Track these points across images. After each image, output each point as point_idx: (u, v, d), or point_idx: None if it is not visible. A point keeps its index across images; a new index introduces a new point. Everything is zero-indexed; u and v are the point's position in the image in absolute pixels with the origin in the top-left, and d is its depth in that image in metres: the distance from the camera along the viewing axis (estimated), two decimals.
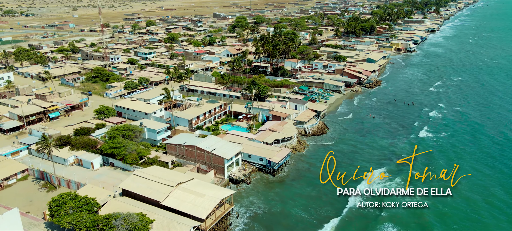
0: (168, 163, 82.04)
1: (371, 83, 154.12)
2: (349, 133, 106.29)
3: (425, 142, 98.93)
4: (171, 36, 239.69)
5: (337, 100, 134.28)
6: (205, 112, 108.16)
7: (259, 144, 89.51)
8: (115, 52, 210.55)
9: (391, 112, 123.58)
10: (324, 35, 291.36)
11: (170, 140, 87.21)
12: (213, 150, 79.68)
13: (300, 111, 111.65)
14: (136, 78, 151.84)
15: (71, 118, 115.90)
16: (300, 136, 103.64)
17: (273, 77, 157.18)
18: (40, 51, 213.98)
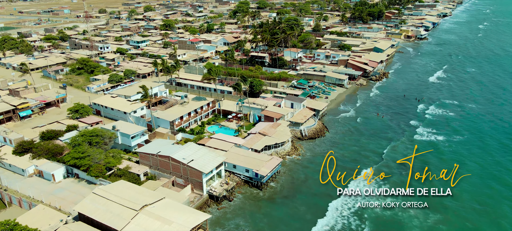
0: (140, 175, 71.34)
1: (377, 76, 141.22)
2: (352, 136, 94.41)
3: (435, 146, 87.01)
4: (167, 23, 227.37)
5: (340, 95, 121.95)
6: (190, 112, 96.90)
7: (246, 152, 78.32)
8: (107, 41, 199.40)
9: (400, 109, 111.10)
10: (329, 21, 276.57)
11: (143, 148, 76.26)
12: (189, 161, 68.65)
13: (297, 110, 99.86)
14: (124, 70, 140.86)
15: (45, 116, 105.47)
16: (295, 140, 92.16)
17: (271, 69, 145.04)
18: (28, 39, 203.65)
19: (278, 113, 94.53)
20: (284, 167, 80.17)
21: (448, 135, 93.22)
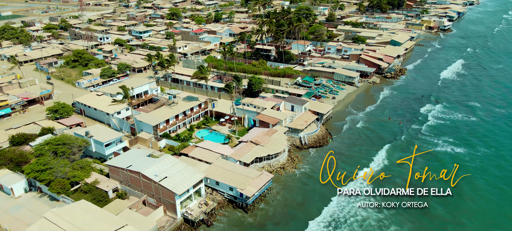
0: (109, 192, 62.45)
1: (393, 73, 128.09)
2: (359, 145, 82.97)
3: (456, 159, 74.90)
4: (174, 12, 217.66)
5: (349, 95, 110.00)
6: (178, 114, 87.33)
7: (232, 165, 68.28)
8: (110, 30, 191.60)
9: (415, 113, 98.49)
10: (346, 10, 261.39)
11: (114, 159, 67.07)
12: (162, 179, 59.15)
13: (297, 113, 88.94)
14: (121, 63, 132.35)
15: (26, 115, 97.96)
16: (293, 148, 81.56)
17: (276, 64, 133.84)
18: (31, 29, 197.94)
19: (275, 118, 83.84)
20: (278, 183, 69.88)
21: (470, 146, 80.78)
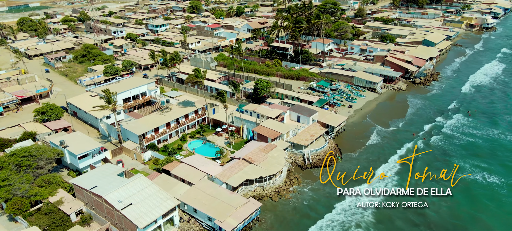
0: (71, 215, 54.86)
1: (423, 78, 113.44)
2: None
3: (489, 189, 61.87)
4: (194, 4, 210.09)
5: (368, 103, 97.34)
6: (169, 122, 78.87)
7: (216, 189, 58.81)
8: (127, 24, 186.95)
9: (445, 128, 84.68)
10: (378, 4, 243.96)
11: (79, 178, 59.18)
12: (125, 207, 50.68)
13: (304, 125, 77.98)
14: (128, 59, 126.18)
15: (19, 115, 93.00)
16: (295, 167, 70.94)
17: (292, 64, 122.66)
18: (52, 21, 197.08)
19: (275, 132, 73.34)
20: (270, 212, 59.79)
21: (507, 175, 66.95)
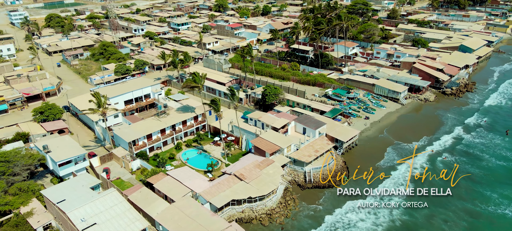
0: (37, 230, 50.80)
1: (455, 88, 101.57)
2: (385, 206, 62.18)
3: None
4: (220, 3, 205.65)
5: (388, 115, 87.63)
6: (164, 128, 73.77)
7: (197, 209, 52.72)
8: (151, 21, 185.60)
9: (475, 146, 73.64)
10: (416, 5, 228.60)
11: (49, 189, 54.94)
12: (87, 227, 45.73)
13: (310, 138, 70.20)
14: (142, 58, 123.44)
15: (23, 113, 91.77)
16: (294, 186, 63.50)
17: (311, 68, 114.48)
18: (80, 17, 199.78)
19: (273, 146, 66.12)
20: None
21: None
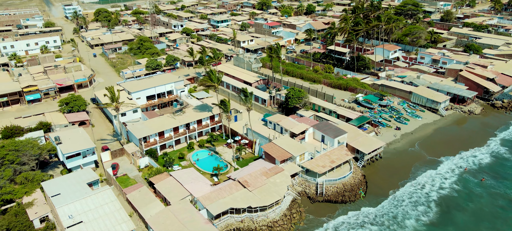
0: (34, 221, 50.69)
1: (507, 101, 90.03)
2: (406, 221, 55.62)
3: None
4: (263, 1, 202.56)
5: (423, 127, 79.14)
6: (178, 127, 71.88)
7: (192, 215, 49.81)
8: (192, 18, 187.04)
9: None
10: (477, 8, 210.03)
11: (48, 183, 54.45)
12: (73, 224, 44.49)
13: (327, 148, 64.71)
14: (175, 54, 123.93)
15: (55, 102, 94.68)
16: (303, 198, 58.56)
17: (346, 71, 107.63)
18: (127, 12, 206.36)
19: (285, 153, 61.51)
20: None
21: None
